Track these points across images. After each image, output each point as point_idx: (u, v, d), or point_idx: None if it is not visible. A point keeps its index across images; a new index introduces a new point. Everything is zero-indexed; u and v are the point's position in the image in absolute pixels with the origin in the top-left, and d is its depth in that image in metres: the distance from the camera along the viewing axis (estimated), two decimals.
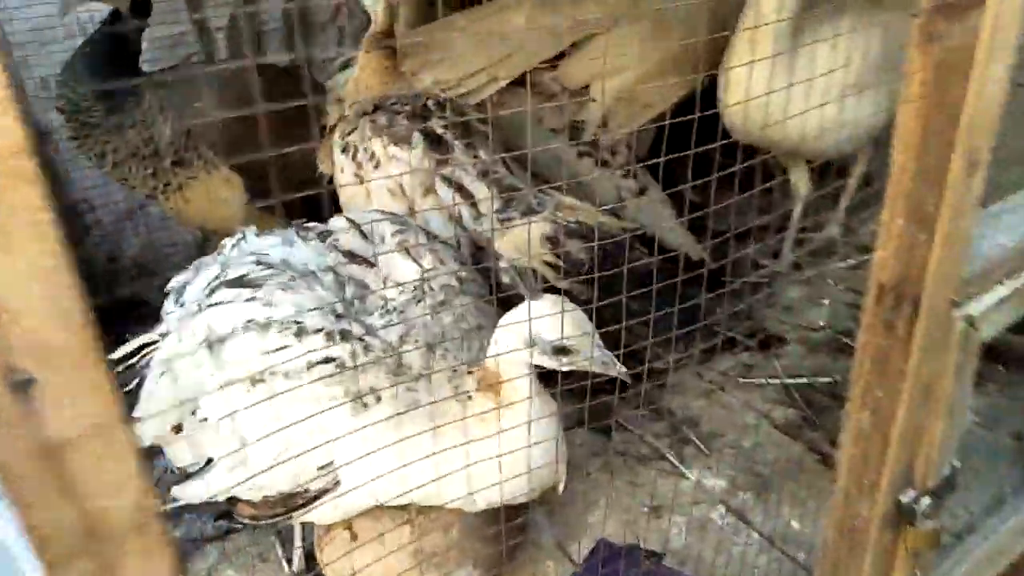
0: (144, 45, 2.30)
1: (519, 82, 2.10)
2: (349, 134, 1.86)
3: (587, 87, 2.14)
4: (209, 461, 1.25)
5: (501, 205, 1.71)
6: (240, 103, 1.91)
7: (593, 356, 1.16)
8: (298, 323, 1.21)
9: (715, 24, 2.10)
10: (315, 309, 1.22)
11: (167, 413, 1.26)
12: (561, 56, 2.16)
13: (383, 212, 1.56)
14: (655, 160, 1.11)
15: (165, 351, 1.29)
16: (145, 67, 2.11)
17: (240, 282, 1.28)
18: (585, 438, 1.79)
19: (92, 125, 1.92)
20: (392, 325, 1.27)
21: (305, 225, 1.44)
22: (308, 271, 1.32)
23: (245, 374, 1.18)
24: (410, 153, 1.78)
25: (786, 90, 1.50)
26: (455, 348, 1.29)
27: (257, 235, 1.42)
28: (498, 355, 1.19)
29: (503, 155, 1.82)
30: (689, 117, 1.17)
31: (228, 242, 1.43)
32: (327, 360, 1.19)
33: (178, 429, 1.26)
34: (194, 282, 1.35)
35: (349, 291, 1.33)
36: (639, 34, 2.16)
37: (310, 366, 1.18)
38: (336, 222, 1.46)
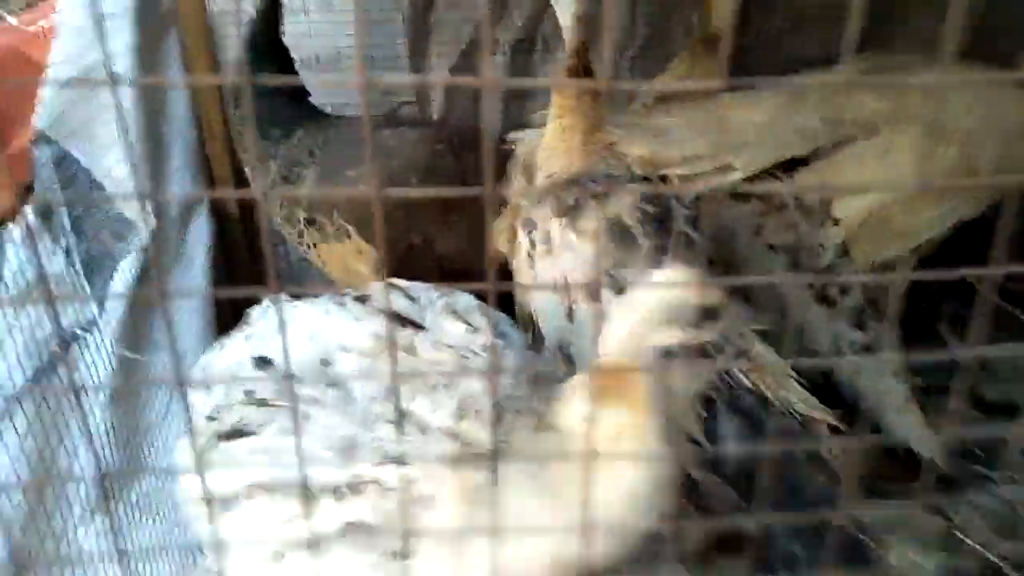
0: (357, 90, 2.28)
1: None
2: (534, 208, 1.63)
3: (829, 203, 1.74)
4: None
5: None
6: (412, 170, 1.76)
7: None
8: (303, 483, 0.97)
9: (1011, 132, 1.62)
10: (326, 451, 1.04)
11: None
12: (800, 160, 1.77)
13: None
14: (899, 309, 0.75)
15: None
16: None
17: (236, 434, 1.11)
18: None
19: (244, 148, 1.85)
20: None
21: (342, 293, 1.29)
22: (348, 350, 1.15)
23: (262, 550, 1.01)
24: (587, 244, 1.50)
25: None
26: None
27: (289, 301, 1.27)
28: (628, 330, 0.97)
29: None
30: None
31: (255, 313, 1.28)
32: (347, 528, 0.99)
33: None
34: (216, 363, 1.22)
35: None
36: (907, 142, 1.73)
37: (335, 536, 0.98)
38: (375, 286, 1.31)
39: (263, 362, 1.17)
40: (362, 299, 1.25)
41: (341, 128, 1.88)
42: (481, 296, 1.28)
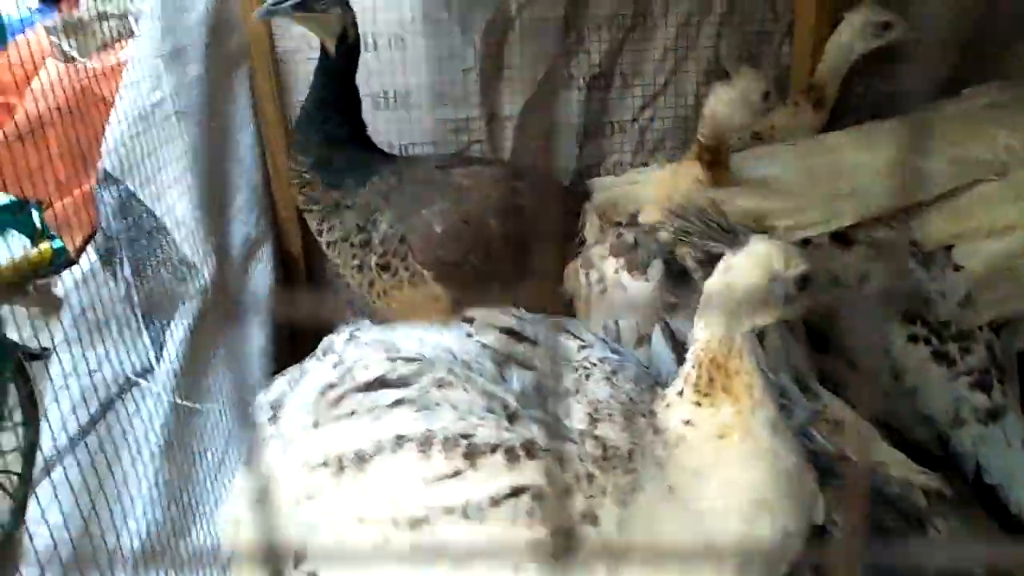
0: (427, 124, 2.20)
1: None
2: (593, 245, 1.52)
3: (950, 248, 1.54)
4: None
5: None
6: (489, 210, 1.65)
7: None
8: (467, 438, 0.89)
9: None
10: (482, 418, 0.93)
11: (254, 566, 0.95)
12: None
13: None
14: None
15: (254, 480, 0.99)
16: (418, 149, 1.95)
17: (379, 384, 0.98)
18: None
19: (313, 199, 1.74)
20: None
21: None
22: (460, 359, 1.04)
23: (396, 514, 0.88)
24: (641, 286, 1.37)
25: None
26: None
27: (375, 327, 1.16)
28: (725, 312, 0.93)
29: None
30: None
31: (337, 339, 1.14)
32: (516, 492, 0.87)
33: None
34: (295, 392, 1.07)
35: (517, 379, 1.05)
36: None
37: (494, 502, 0.86)
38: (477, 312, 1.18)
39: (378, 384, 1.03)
40: (468, 320, 1.16)
41: (414, 168, 1.79)
42: None
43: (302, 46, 2.07)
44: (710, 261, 1.36)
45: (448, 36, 2.13)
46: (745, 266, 0.95)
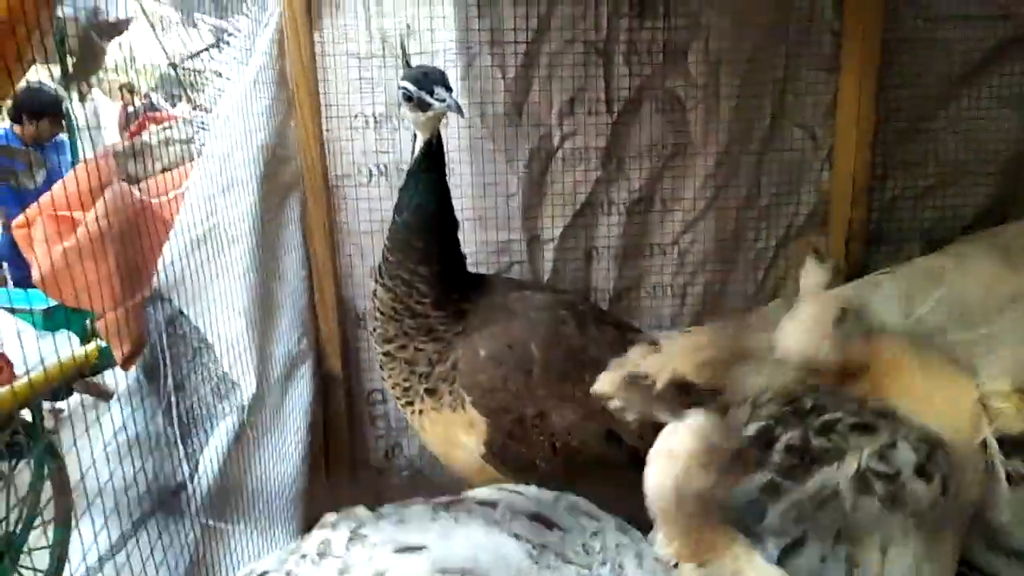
0: (470, 246, 2.24)
1: None
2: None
3: None
4: None
5: None
6: (534, 336, 1.64)
7: None
8: None
9: None
10: None
11: None
12: None
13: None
14: None
15: None
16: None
17: None
18: None
19: (411, 311, 1.62)
20: None
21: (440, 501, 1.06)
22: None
23: None
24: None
25: None
26: None
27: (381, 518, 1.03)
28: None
29: None
30: None
31: (335, 537, 0.99)
32: None
33: None
34: None
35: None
36: None
37: None
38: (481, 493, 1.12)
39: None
40: (489, 503, 1.06)
41: (491, 296, 1.73)
42: None
43: (351, 172, 2.16)
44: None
45: (492, 164, 2.21)
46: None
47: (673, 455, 1.09)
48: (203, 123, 1.98)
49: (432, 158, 1.61)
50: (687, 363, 1.52)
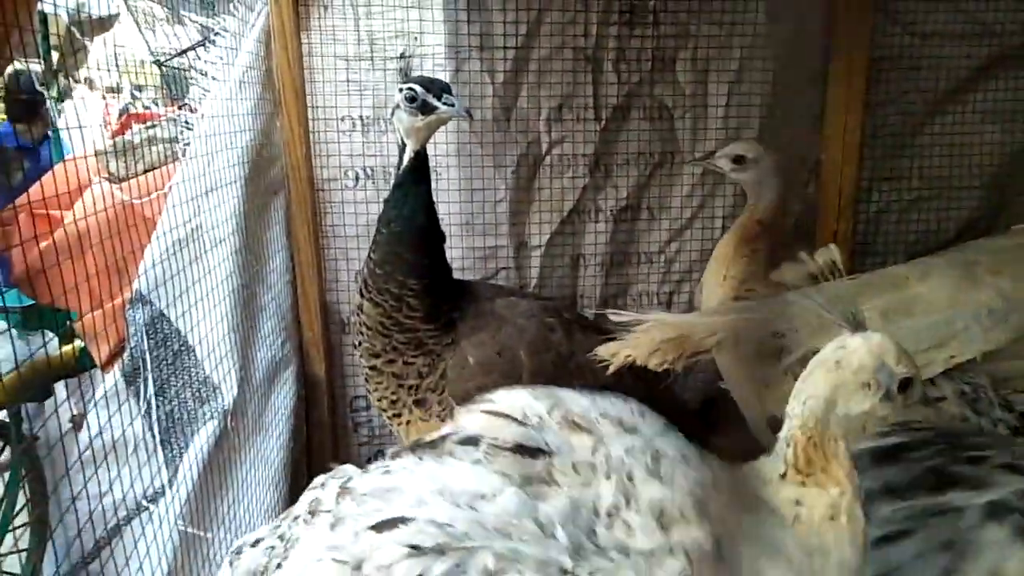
0: (456, 252, 2.23)
1: None
2: None
3: None
4: None
5: None
6: (521, 342, 1.63)
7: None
8: None
9: None
10: None
11: None
12: None
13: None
14: None
15: None
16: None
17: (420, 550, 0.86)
18: None
19: (400, 325, 1.58)
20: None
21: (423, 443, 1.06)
22: (493, 529, 0.92)
23: None
24: None
25: None
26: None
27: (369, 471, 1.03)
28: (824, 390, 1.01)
29: None
30: None
31: (324, 494, 1.01)
32: None
33: None
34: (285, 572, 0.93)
35: (554, 516, 0.94)
36: None
37: None
38: (471, 419, 1.09)
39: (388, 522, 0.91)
40: (471, 441, 1.02)
41: (478, 303, 1.69)
42: None
43: (337, 175, 2.14)
44: None
45: (480, 169, 2.20)
46: (860, 348, 1.01)
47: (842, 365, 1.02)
48: (188, 122, 1.95)
49: (420, 170, 1.58)
50: (641, 351, 1.60)
